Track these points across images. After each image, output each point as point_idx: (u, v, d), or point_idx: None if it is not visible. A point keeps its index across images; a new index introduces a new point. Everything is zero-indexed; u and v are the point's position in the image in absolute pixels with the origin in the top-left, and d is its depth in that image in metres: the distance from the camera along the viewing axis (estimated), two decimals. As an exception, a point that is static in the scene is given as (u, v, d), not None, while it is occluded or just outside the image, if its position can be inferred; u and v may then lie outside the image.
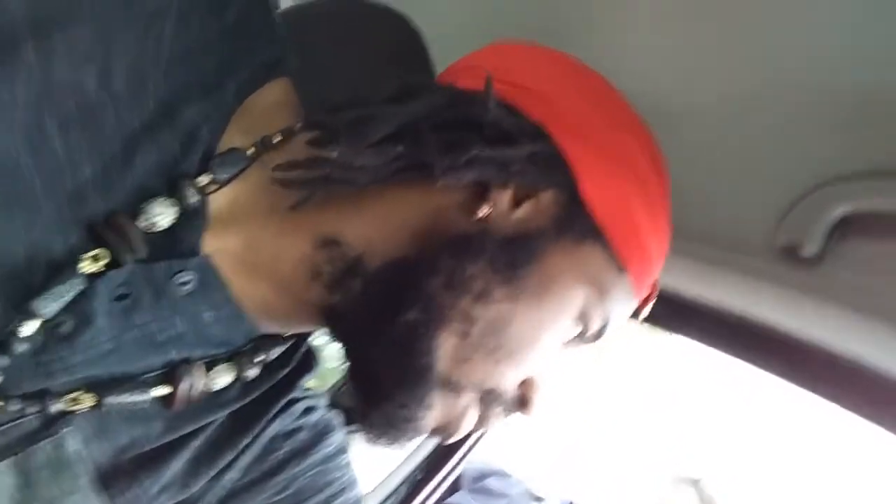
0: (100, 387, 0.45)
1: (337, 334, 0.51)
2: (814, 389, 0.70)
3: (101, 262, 0.43)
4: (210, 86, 0.46)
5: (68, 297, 0.42)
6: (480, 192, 0.46)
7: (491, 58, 0.54)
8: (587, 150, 0.48)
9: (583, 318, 0.50)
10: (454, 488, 1.64)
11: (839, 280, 0.63)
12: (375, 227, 0.47)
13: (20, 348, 0.41)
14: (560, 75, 0.52)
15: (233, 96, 0.48)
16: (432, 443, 1.17)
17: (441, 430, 0.50)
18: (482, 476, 1.74)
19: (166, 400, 0.47)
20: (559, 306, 0.48)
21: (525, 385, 0.51)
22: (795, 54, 0.62)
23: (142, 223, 0.44)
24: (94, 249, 0.43)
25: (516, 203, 0.47)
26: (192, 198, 0.45)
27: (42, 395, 0.43)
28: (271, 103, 0.50)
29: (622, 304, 0.52)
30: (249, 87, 0.49)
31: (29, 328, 0.41)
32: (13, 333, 0.41)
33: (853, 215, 0.60)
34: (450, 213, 0.47)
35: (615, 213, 0.48)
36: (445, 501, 1.57)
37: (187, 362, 0.48)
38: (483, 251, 0.46)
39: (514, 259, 0.46)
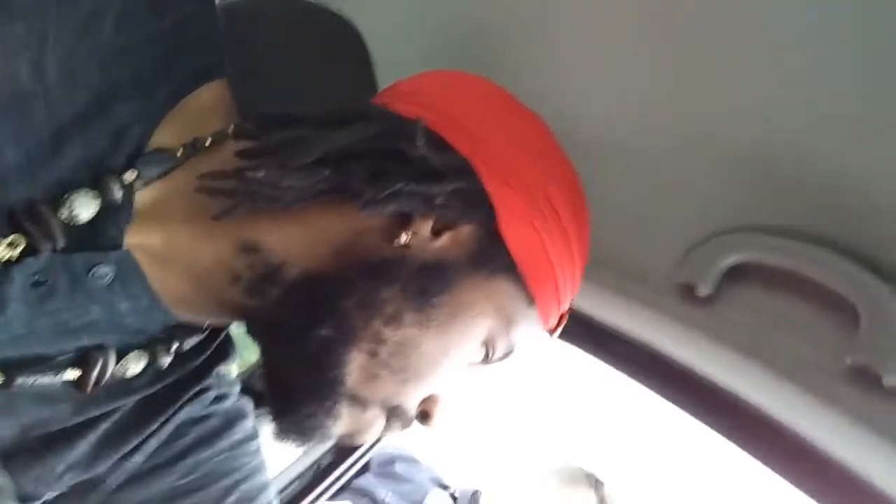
0: (10, 366, 0.45)
1: (253, 334, 0.53)
2: (696, 415, 0.76)
3: (17, 249, 0.43)
4: (145, 85, 0.47)
5: None
6: (402, 220, 0.49)
7: (431, 86, 0.56)
8: (509, 190, 0.50)
9: (488, 344, 0.53)
10: (362, 471, 1.66)
11: (727, 320, 0.69)
12: (296, 239, 0.49)
13: None
14: (495, 114, 0.54)
15: (166, 96, 0.49)
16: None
17: (347, 437, 0.53)
18: (390, 461, 1.77)
19: (78, 384, 0.48)
20: (466, 334, 0.51)
21: (428, 401, 0.54)
22: (710, 110, 0.66)
23: (63, 214, 0.44)
24: (10, 235, 0.43)
25: (436, 233, 0.50)
26: (116, 193, 0.45)
27: None
28: (206, 104, 0.51)
29: (529, 333, 0.55)
30: (185, 89, 0.50)
31: None
32: None
33: (745, 264, 0.65)
34: (370, 235, 0.49)
35: (529, 251, 0.51)
36: (352, 484, 1.59)
37: (101, 348, 0.48)
38: (399, 277, 0.48)
39: (428, 287, 0.49)
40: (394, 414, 0.52)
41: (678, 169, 0.70)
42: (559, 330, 0.60)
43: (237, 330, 0.62)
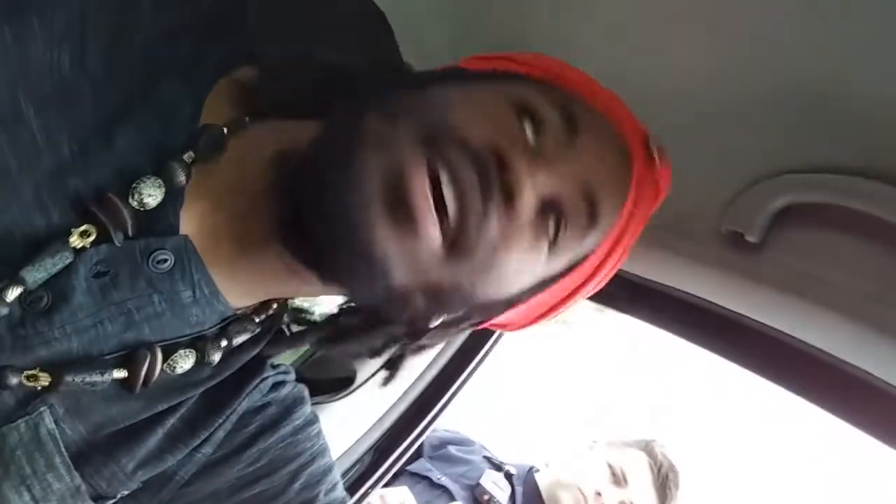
0: (57, 367, 0.45)
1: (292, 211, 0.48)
2: (757, 370, 0.75)
3: (89, 239, 0.44)
4: (184, 67, 0.47)
5: (54, 270, 0.43)
6: None
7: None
8: None
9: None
10: (416, 456, 1.67)
11: (779, 265, 0.68)
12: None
13: (2, 311, 0.42)
14: None
15: (206, 78, 0.49)
16: (396, 412, 1.20)
17: (394, 186, 0.43)
18: (443, 444, 1.78)
19: (126, 383, 0.48)
20: None
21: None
22: (751, 53, 0.65)
23: (133, 202, 0.44)
24: (82, 225, 0.43)
25: None
26: (180, 176, 0.45)
27: (2, 370, 0.43)
28: (239, 90, 0.51)
29: None
30: (221, 71, 0.50)
31: (12, 294, 0.42)
32: None
33: (792, 206, 0.64)
34: None
35: None
36: (406, 468, 1.60)
37: (147, 346, 0.48)
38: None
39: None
40: (436, 141, 0.45)
41: (717, 115, 0.69)
42: None
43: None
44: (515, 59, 0.55)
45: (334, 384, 1.07)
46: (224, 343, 0.53)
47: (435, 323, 0.52)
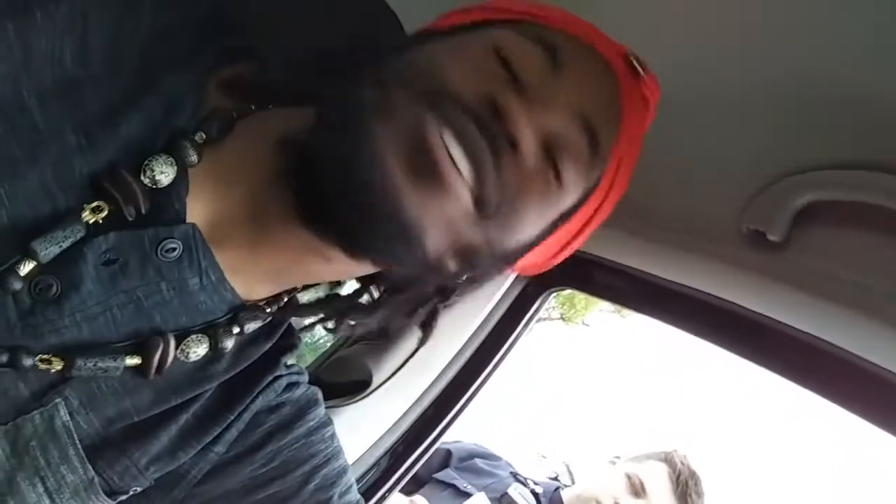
0: (70, 352, 0.45)
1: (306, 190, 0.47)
2: (775, 369, 0.73)
3: (101, 214, 0.44)
4: (186, 64, 0.48)
5: (66, 244, 0.43)
6: None
7: None
8: None
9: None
10: (443, 466, 1.67)
11: (802, 264, 0.66)
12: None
13: (16, 285, 0.42)
14: None
15: (208, 73, 0.50)
16: (413, 415, 1.19)
17: (410, 149, 0.43)
18: (470, 455, 1.77)
19: (139, 370, 0.48)
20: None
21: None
22: (771, 54, 0.64)
23: (145, 180, 0.45)
24: (95, 201, 0.44)
25: None
26: (191, 156, 0.46)
27: (16, 350, 0.43)
28: (237, 81, 0.52)
29: None
30: (220, 68, 0.51)
31: (25, 268, 0.42)
32: (12, 270, 0.42)
33: (814, 204, 0.63)
34: None
35: None
36: (434, 475, 1.60)
37: (160, 333, 0.48)
38: None
39: None
40: (440, 103, 0.45)
41: (737, 115, 0.68)
42: None
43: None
44: (489, 7, 0.55)
45: (350, 387, 1.06)
46: (236, 330, 0.53)
47: (464, 279, 0.53)
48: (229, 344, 0.52)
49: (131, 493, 0.51)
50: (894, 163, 0.58)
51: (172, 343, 0.49)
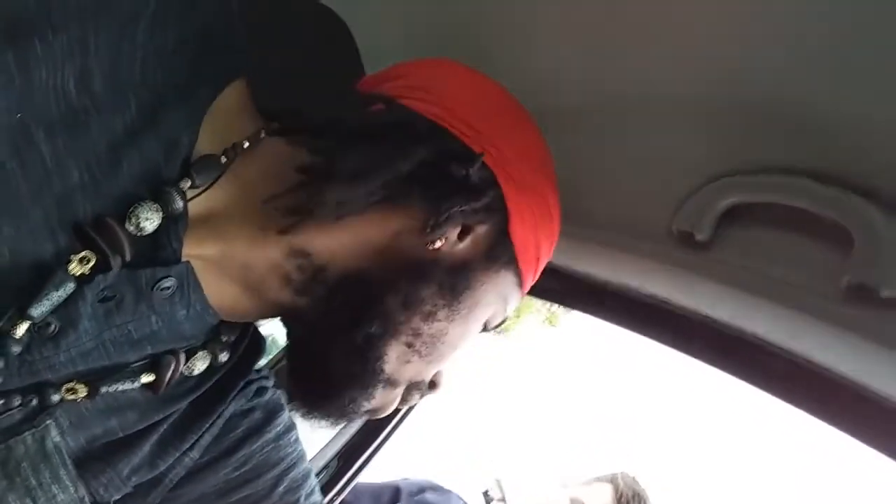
0: (91, 377, 0.47)
1: (296, 332, 0.57)
2: (707, 359, 0.79)
3: (88, 265, 0.44)
4: (185, 88, 0.48)
5: (59, 302, 0.44)
6: (433, 217, 0.52)
7: (427, 75, 0.58)
8: (519, 193, 0.55)
9: (488, 322, 0.59)
10: (393, 500, 1.68)
11: (727, 261, 0.72)
12: (342, 243, 0.52)
13: (15, 349, 0.43)
14: (496, 113, 0.58)
15: (204, 98, 0.50)
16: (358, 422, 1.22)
17: (373, 412, 0.58)
18: (420, 490, 1.78)
19: (151, 386, 0.51)
20: (479, 320, 0.57)
21: (436, 374, 0.60)
22: (701, 58, 0.68)
23: (130, 227, 0.45)
24: (81, 251, 0.44)
25: (460, 236, 0.54)
26: (178, 203, 0.46)
27: (39, 388, 0.45)
28: (233, 105, 0.52)
29: (515, 303, 0.61)
30: (216, 91, 0.51)
31: (21, 329, 0.43)
32: (8, 334, 0.42)
33: (738, 206, 0.69)
34: (408, 238, 0.52)
35: (527, 245, 0.57)
36: None
37: (172, 352, 0.51)
38: (434, 277, 0.53)
39: (456, 285, 0.54)
40: (414, 388, 0.58)
41: (667, 123, 0.73)
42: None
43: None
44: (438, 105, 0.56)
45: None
46: (227, 339, 0.57)
47: None
48: (224, 356, 0.56)
49: (112, 502, 0.52)
50: (812, 167, 0.63)
51: (183, 360, 0.52)
